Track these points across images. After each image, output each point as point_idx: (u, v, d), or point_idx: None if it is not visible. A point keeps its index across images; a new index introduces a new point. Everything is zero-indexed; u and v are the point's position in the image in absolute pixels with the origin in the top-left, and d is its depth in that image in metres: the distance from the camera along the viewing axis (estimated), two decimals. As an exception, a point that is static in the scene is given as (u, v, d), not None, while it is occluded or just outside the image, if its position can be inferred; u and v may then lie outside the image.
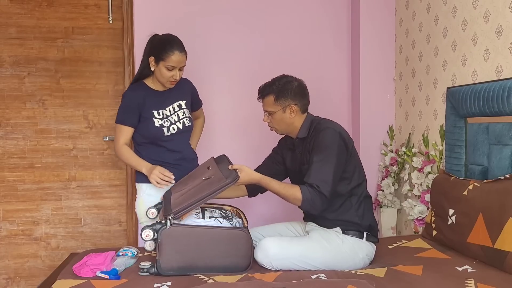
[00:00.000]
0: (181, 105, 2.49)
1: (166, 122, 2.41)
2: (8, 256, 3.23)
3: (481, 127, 2.29)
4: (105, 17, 3.27)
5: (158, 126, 2.39)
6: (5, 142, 3.21)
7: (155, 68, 2.35)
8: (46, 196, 3.26)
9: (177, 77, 2.36)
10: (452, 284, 1.81)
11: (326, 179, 2.08)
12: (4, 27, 3.17)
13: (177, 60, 2.32)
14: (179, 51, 2.32)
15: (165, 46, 2.31)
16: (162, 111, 2.42)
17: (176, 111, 2.46)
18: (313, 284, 1.77)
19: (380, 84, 3.34)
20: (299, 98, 2.24)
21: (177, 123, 2.44)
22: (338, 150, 2.13)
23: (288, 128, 2.29)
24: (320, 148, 2.13)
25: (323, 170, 2.09)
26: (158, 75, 2.37)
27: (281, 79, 2.27)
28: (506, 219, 1.91)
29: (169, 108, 2.45)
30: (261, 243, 2.11)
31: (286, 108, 2.23)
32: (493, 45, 2.32)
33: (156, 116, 2.40)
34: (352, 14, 3.44)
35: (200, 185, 2.10)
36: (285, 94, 2.22)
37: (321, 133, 2.15)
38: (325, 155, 2.11)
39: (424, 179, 2.76)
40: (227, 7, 3.31)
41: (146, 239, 2.01)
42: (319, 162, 2.10)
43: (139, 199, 2.45)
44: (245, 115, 3.35)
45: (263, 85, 2.31)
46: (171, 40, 2.34)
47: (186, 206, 2.00)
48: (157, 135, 2.40)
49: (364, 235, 2.18)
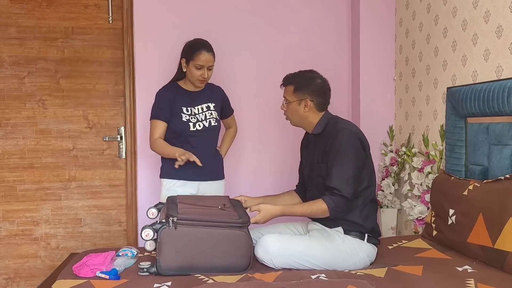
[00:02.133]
0: (209, 106, 2.65)
1: (193, 119, 2.58)
2: (8, 256, 3.23)
3: (481, 127, 2.29)
4: (105, 17, 3.27)
5: (185, 120, 2.56)
6: (5, 142, 3.21)
7: (186, 69, 2.56)
8: (46, 196, 3.26)
9: (205, 76, 2.54)
10: (452, 284, 1.81)
11: (347, 181, 2.12)
12: (4, 27, 3.17)
13: (205, 59, 2.51)
14: (206, 51, 2.51)
15: (194, 47, 2.52)
16: (191, 108, 2.59)
17: (204, 111, 2.62)
18: (313, 284, 1.77)
19: (380, 84, 3.34)
20: (316, 95, 2.28)
21: (204, 121, 2.59)
22: (356, 151, 2.17)
23: (301, 122, 2.33)
24: (338, 150, 2.15)
25: (343, 172, 2.13)
26: (189, 75, 2.56)
27: (305, 73, 2.34)
28: (506, 219, 1.91)
29: (198, 107, 2.61)
30: (261, 239, 2.12)
31: (302, 101, 2.28)
32: (493, 45, 2.32)
33: (184, 112, 2.57)
34: (352, 14, 3.44)
35: (213, 210, 2.12)
36: (304, 88, 2.28)
37: (339, 134, 2.17)
38: (344, 156, 2.14)
39: (424, 179, 2.75)
40: (227, 7, 3.31)
41: (146, 239, 2.01)
42: (339, 165, 2.14)
43: (162, 194, 2.62)
44: (245, 115, 3.35)
45: (289, 74, 2.37)
46: (200, 42, 2.56)
47: (192, 219, 2.01)
48: (183, 129, 2.55)
49: (366, 236, 2.18)
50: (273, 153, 3.41)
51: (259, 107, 3.38)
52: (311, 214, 2.17)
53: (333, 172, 2.14)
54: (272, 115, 3.37)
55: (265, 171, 3.40)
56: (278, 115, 3.30)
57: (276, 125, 3.37)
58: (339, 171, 2.13)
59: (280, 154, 3.41)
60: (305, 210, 2.16)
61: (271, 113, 3.37)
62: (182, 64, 2.57)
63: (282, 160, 3.41)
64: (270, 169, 3.40)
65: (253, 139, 3.38)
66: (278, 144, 3.41)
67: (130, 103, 3.27)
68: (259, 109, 3.38)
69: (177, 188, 2.58)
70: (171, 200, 2.23)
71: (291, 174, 3.31)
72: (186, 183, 2.60)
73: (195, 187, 2.62)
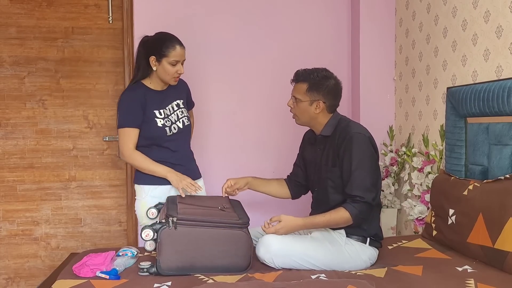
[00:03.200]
0: (179, 104, 2.49)
1: (167, 122, 2.41)
2: (8, 256, 3.23)
3: (481, 127, 2.29)
4: (105, 17, 3.27)
5: (160, 126, 2.38)
6: (5, 142, 3.21)
7: (157, 67, 2.36)
8: (46, 196, 3.26)
9: (181, 71, 2.38)
10: (452, 284, 1.81)
11: (368, 186, 2.10)
12: (4, 27, 3.17)
13: (180, 54, 2.35)
14: (179, 45, 2.35)
15: (164, 43, 2.33)
16: (163, 110, 2.42)
17: (175, 111, 2.46)
18: (313, 284, 1.77)
19: (380, 84, 3.34)
20: (330, 97, 2.22)
21: (177, 122, 2.44)
22: (372, 156, 2.15)
23: (310, 122, 2.27)
24: (355, 155, 2.11)
25: (363, 178, 2.10)
26: (162, 73, 2.37)
27: (320, 72, 2.23)
28: (506, 219, 1.91)
29: (168, 107, 2.44)
30: (263, 238, 2.11)
31: (314, 102, 2.21)
32: (493, 45, 2.32)
33: (158, 116, 2.39)
34: (352, 14, 3.44)
35: (213, 210, 2.11)
36: (318, 88, 2.20)
37: (353, 139, 2.13)
38: (362, 162, 2.11)
39: (424, 179, 2.75)
40: (227, 7, 3.31)
41: (146, 239, 2.01)
42: (357, 171, 2.10)
43: (140, 201, 2.44)
44: (246, 115, 3.36)
45: (301, 70, 2.27)
46: (169, 37, 2.37)
47: (192, 219, 2.01)
48: (160, 135, 2.38)
49: (368, 240, 2.17)
50: (273, 153, 3.41)
51: (259, 106, 3.38)
52: (334, 224, 2.12)
53: (353, 179, 2.10)
54: (271, 114, 3.37)
55: (265, 171, 3.40)
56: (277, 114, 3.32)
57: (276, 125, 3.37)
58: (359, 178, 2.09)
59: (280, 154, 3.40)
60: (327, 221, 2.11)
61: (271, 113, 3.38)
62: (151, 62, 2.34)
63: (282, 160, 3.41)
64: (270, 169, 3.40)
65: (253, 138, 3.38)
66: (278, 144, 3.40)
67: (130, 103, 3.27)
68: (258, 109, 3.38)
69: (162, 194, 2.39)
70: (171, 200, 2.23)
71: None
72: (171, 188, 2.41)
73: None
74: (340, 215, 2.09)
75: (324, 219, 2.12)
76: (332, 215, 2.11)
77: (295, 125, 2.38)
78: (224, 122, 3.33)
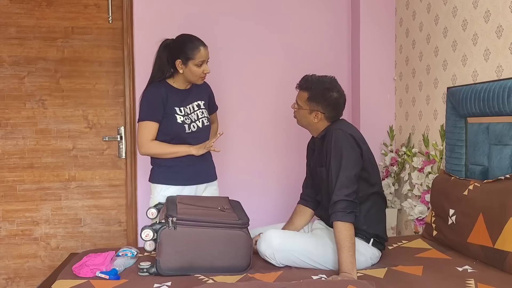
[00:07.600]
0: (200, 105, 2.53)
1: (187, 120, 2.45)
2: (8, 256, 3.22)
3: (481, 127, 2.29)
4: (105, 17, 3.27)
5: (180, 122, 2.42)
6: (5, 142, 3.20)
7: (183, 70, 2.40)
8: (46, 196, 3.26)
9: (207, 71, 2.42)
10: (452, 284, 1.81)
11: (347, 184, 2.04)
12: (4, 27, 3.17)
13: (204, 54, 2.39)
14: (202, 45, 2.40)
15: (190, 46, 2.38)
16: (183, 108, 2.46)
17: (195, 110, 2.50)
18: (313, 284, 1.77)
19: (380, 84, 3.34)
20: (329, 109, 2.20)
21: (197, 122, 2.48)
22: (350, 150, 2.09)
23: (308, 127, 2.28)
24: (333, 154, 2.09)
25: (342, 177, 2.05)
26: (189, 75, 2.41)
27: (324, 83, 2.20)
28: (506, 219, 1.91)
29: (189, 106, 2.49)
30: (265, 233, 2.11)
31: (313, 112, 2.20)
32: (493, 45, 2.32)
33: (178, 113, 2.43)
34: (352, 14, 3.43)
35: (212, 211, 2.11)
36: (318, 100, 2.19)
37: (333, 136, 2.12)
38: (339, 159, 2.07)
39: (424, 179, 2.75)
40: (227, 8, 3.31)
41: (145, 239, 2.01)
42: (336, 168, 2.07)
43: (152, 199, 2.48)
44: (246, 115, 3.35)
45: (307, 77, 2.25)
46: (191, 38, 2.42)
47: (192, 219, 2.01)
48: (180, 131, 2.42)
49: (371, 240, 2.15)
50: (273, 153, 3.41)
51: (259, 107, 3.38)
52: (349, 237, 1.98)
53: (333, 180, 2.06)
54: (272, 115, 3.37)
55: (265, 171, 3.40)
56: (278, 115, 3.32)
57: (276, 125, 3.37)
58: (337, 178, 2.05)
59: (281, 154, 3.40)
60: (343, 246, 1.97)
61: (271, 113, 3.37)
62: (177, 65, 2.39)
63: (283, 160, 3.41)
64: (270, 169, 3.40)
65: (254, 138, 3.38)
66: (279, 144, 3.40)
67: (130, 103, 3.27)
68: (259, 109, 3.38)
69: (173, 194, 2.39)
70: (171, 200, 2.23)
71: (291, 174, 3.33)
72: (183, 188, 2.45)
73: (193, 192, 2.49)
74: (343, 233, 1.99)
75: (344, 247, 1.97)
76: (338, 238, 1.99)
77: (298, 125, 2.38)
78: (224, 122, 3.33)
